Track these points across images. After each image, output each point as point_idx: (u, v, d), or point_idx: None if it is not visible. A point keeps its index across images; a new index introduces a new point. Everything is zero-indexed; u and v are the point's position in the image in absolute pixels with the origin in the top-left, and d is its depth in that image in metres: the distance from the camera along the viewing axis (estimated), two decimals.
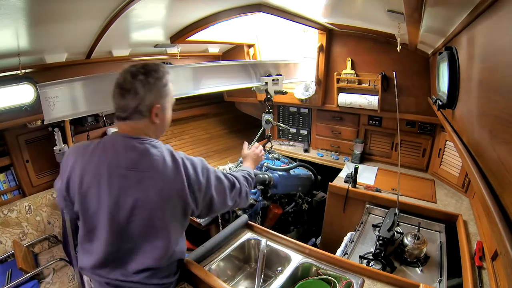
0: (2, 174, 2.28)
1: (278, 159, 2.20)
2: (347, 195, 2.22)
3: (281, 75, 2.28)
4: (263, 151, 1.63)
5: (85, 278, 1.42)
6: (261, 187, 1.92)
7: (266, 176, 1.92)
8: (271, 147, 2.25)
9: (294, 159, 3.16)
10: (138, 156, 0.99)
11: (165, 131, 1.15)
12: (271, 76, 2.20)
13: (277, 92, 2.21)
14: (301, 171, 2.13)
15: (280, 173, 1.91)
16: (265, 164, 1.98)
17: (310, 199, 2.28)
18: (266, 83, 2.15)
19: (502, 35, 0.59)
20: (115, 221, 0.99)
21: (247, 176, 1.31)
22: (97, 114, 2.56)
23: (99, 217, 1.01)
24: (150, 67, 1.02)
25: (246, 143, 1.64)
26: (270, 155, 2.17)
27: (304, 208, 2.23)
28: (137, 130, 1.03)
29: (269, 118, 2.17)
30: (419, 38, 1.55)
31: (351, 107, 2.62)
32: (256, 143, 1.83)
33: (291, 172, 2.01)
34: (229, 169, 2.10)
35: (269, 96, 2.20)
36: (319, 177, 2.21)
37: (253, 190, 1.78)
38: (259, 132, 2.28)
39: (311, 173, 2.16)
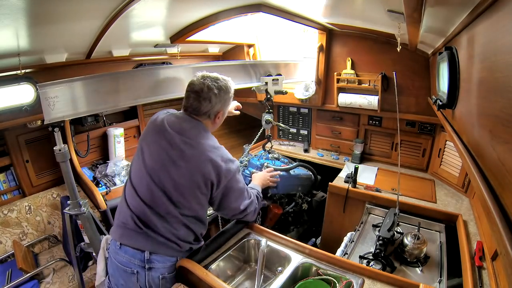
0: (2, 174, 2.28)
1: (278, 159, 2.18)
2: (347, 195, 2.22)
3: (281, 75, 2.26)
4: (275, 179, 1.81)
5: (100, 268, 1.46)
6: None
7: None
8: (271, 147, 2.24)
9: (294, 159, 3.16)
10: (188, 127, 1.29)
11: (215, 129, 1.44)
12: (271, 76, 2.17)
13: (277, 92, 2.19)
14: (301, 171, 2.11)
15: (280, 173, 1.90)
16: (265, 164, 1.97)
17: (310, 199, 2.27)
18: (266, 83, 2.13)
19: (502, 35, 0.59)
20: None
21: (258, 195, 1.54)
22: (97, 114, 2.57)
23: None
24: (221, 82, 1.32)
25: (269, 169, 1.89)
26: (270, 155, 2.17)
27: (304, 208, 2.23)
28: (200, 120, 1.34)
29: (269, 118, 2.16)
30: (419, 38, 1.55)
31: (351, 107, 2.62)
32: (272, 168, 1.87)
33: (291, 172, 2.00)
34: (272, 152, 2.13)
35: (269, 96, 2.18)
36: (318, 177, 2.20)
37: None
38: (259, 132, 2.27)
39: (311, 173, 2.15)
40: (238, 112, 1.88)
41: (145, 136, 1.36)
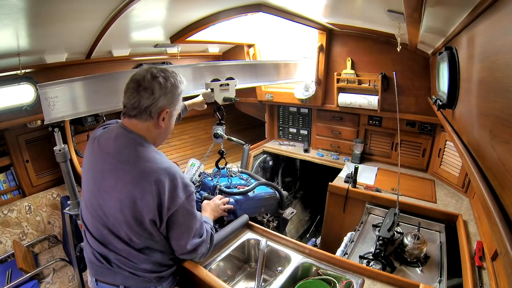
0: (2, 174, 2.28)
1: (234, 174, 1.87)
2: (347, 195, 2.22)
3: (233, 79, 1.88)
4: (226, 206, 1.54)
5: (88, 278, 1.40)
6: None
7: None
8: (226, 164, 1.85)
9: (291, 158, 3.14)
10: (122, 144, 1.04)
11: (165, 138, 1.17)
12: (219, 81, 1.80)
13: (226, 99, 1.81)
14: (263, 190, 1.80)
15: (237, 197, 1.62)
16: (219, 187, 1.66)
17: (277, 219, 1.94)
18: (212, 89, 1.76)
19: (502, 35, 0.59)
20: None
21: (212, 232, 1.27)
22: (97, 114, 2.56)
23: None
24: (170, 74, 1.07)
25: (218, 196, 1.59)
26: (227, 171, 1.84)
27: (271, 228, 1.88)
28: (138, 129, 1.06)
29: (218, 132, 1.79)
30: (419, 38, 1.55)
31: (351, 107, 2.62)
32: (220, 196, 1.60)
33: (250, 194, 1.69)
34: (227, 169, 1.94)
35: (218, 105, 1.79)
36: (285, 193, 1.88)
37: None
38: (210, 148, 1.90)
39: (275, 191, 1.84)
40: (205, 106, 1.76)
41: (83, 163, 1.16)
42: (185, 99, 1.64)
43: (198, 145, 3.50)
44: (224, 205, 1.53)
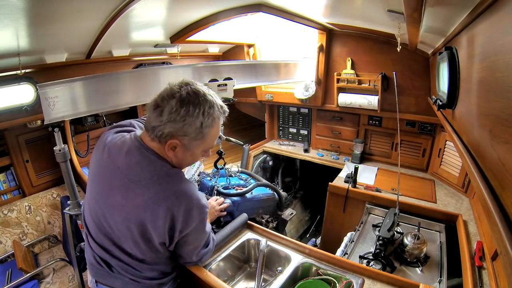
0: (2, 174, 2.28)
1: (234, 174, 1.86)
2: (347, 195, 2.22)
3: (231, 79, 1.85)
4: (222, 206, 1.53)
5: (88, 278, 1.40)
6: None
7: None
8: (224, 164, 1.79)
9: (290, 158, 3.13)
10: (134, 160, 0.96)
11: (182, 167, 1.06)
12: (217, 81, 1.76)
13: (224, 100, 1.88)
14: (261, 191, 1.78)
15: (234, 198, 1.61)
16: (216, 187, 1.66)
17: (276, 220, 1.93)
18: None
19: (502, 35, 0.59)
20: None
21: (213, 236, 1.26)
22: (97, 114, 2.56)
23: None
24: (192, 98, 0.90)
25: (214, 197, 1.58)
26: (226, 171, 1.83)
27: (270, 228, 1.84)
28: (152, 146, 0.97)
29: None
30: (419, 38, 1.55)
31: (351, 107, 2.62)
32: (216, 197, 1.58)
33: (248, 195, 1.68)
34: (226, 169, 1.92)
35: None
36: (284, 193, 1.87)
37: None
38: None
39: (273, 192, 1.83)
40: (224, 213, 1.54)
41: (90, 165, 1.09)
42: None
43: None
44: (219, 205, 1.52)
